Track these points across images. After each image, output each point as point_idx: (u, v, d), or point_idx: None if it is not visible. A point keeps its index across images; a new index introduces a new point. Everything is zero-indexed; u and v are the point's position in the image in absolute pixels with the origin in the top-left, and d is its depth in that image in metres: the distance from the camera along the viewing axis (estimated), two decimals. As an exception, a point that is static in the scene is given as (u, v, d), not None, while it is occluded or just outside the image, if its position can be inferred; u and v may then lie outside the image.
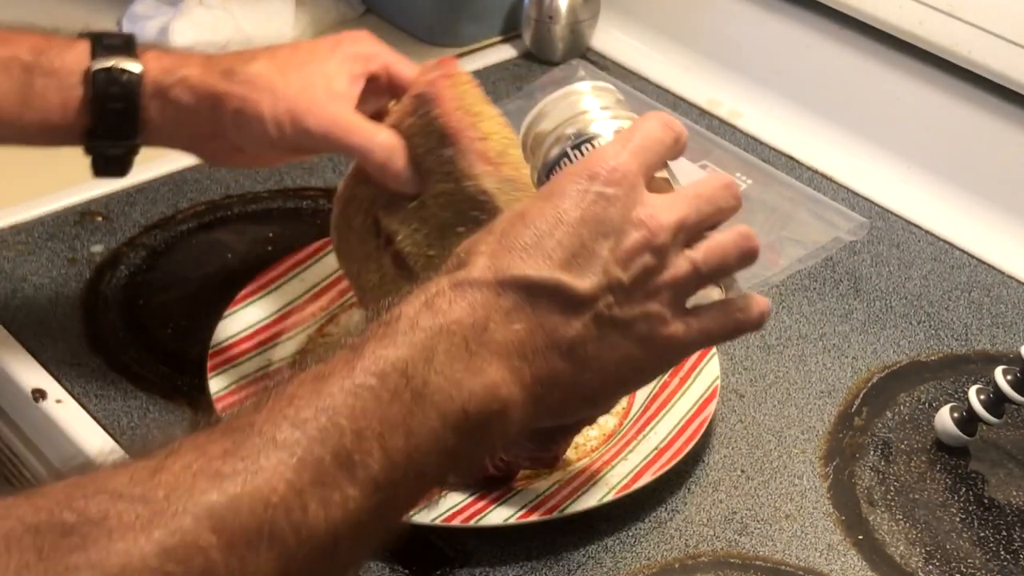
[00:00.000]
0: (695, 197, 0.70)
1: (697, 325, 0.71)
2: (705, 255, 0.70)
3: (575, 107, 0.76)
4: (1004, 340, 1.05)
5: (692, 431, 0.91)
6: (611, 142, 0.71)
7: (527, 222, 0.67)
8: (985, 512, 0.90)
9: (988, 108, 1.17)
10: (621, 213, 0.68)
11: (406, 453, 0.61)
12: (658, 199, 0.69)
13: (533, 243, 0.67)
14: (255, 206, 1.15)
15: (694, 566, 0.86)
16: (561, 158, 0.74)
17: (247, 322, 0.99)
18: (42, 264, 1.08)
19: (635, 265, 0.68)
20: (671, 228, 0.69)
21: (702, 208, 0.70)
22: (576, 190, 0.68)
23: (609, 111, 0.76)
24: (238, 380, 0.94)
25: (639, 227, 0.68)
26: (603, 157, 0.69)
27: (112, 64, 0.88)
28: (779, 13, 1.30)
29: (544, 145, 0.76)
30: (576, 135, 0.74)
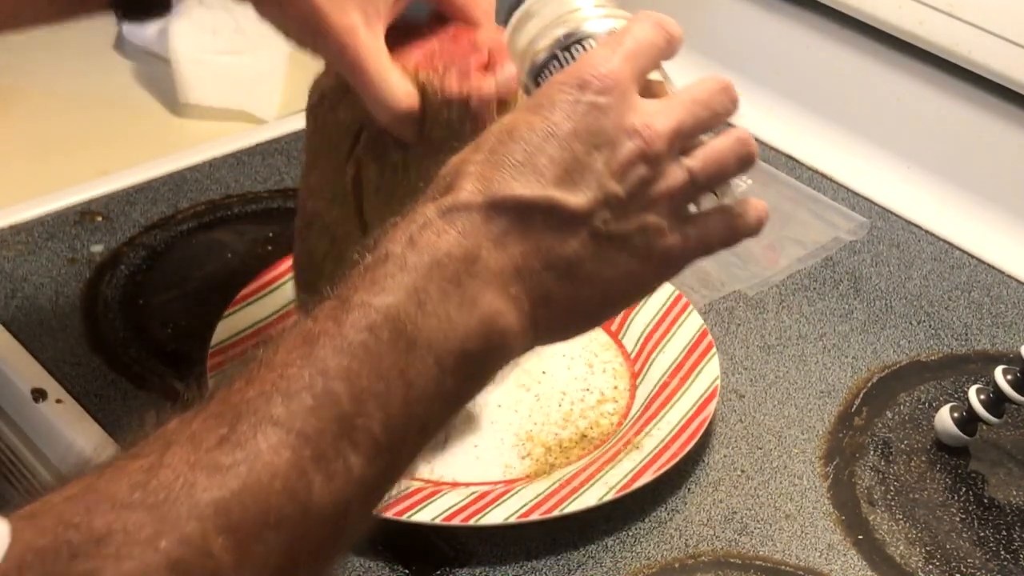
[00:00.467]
0: (691, 102, 0.68)
1: (695, 233, 0.69)
2: (703, 163, 0.68)
3: (565, 4, 0.71)
4: (1004, 340, 1.05)
5: (692, 431, 0.91)
6: (600, 46, 0.68)
7: (516, 137, 0.64)
8: (985, 512, 0.90)
9: (988, 108, 1.17)
10: (615, 123, 0.65)
11: (405, 407, 0.59)
12: (652, 105, 0.67)
13: (523, 160, 0.64)
14: (255, 206, 1.15)
15: (694, 566, 0.86)
16: (550, 61, 0.70)
17: (247, 322, 0.99)
18: (42, 264, 1.08)
19: (631, 177, 0.65)
20: (667, 136, 0.66)
21: (698, 113, 0.68)
22: (566, 100, 0.65)
23: (603, 9, 0.72)
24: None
25: (633, 136, 0.65)
26: (593, 63, 0.66)
27: None
28: (779, 13, 1.30)
29: (533, 47, 0.71)
30: (567, 36, 0.70)
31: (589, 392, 0.97)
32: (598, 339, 1.01)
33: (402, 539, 0.86)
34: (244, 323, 0.99)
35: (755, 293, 1.08)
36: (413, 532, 0.85)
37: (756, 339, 1.04)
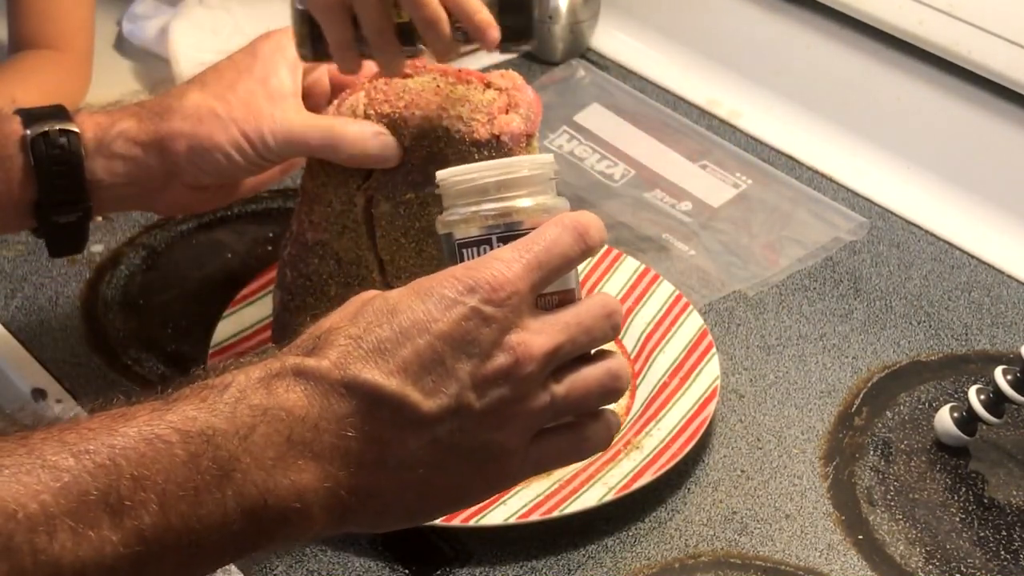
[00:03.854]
0: (575, 326, 0.65)
1: (536, 455, 0.66)
2: (568, 391, 0.65)
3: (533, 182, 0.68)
4: (1004, 340, 1.05)
5: (692, 431, 0.91)
6: (508, 249, 0.65)
7: (393, 320, 0.62)
8: (985, 512, 0.90)
9: (988, 108, 1.17)
10: (493, 336, 0.63)
11: (186, 519, 0.57)
12: (535, 323, 0.64)
13: (391, 347, 0.62)
14: (255, 206, 1.15)
15: (694, 566, 0.86)
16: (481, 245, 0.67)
17: (247, 322, 0.99)
18: (42, 264, 1.08)
19: (492, 393, 0.63)
20: (541, 359, 0.64)
21: (578, 339, 0.65)
22: (452, 299, 0.62)
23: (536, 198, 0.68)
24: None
25: (508, 352, 0.63)
26: (493, 268, 0.63)
27: (47, 128, 0.85)
28: (779, 13, 1.30)
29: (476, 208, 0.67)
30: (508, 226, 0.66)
31: (589, 392, 0.97)
32: (598, 339, 1.01)
33: (402, 539, 0.86)
34: (244, 323, 0.99)
35: (755, 293, 1.08)
36: (413, 532, 0.85)
37: (756, 339, 1.04)
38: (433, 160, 0.85)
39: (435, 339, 0.62)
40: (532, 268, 0.64)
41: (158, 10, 1.34)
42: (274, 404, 0.60)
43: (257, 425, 0.59)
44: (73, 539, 0.55)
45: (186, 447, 0.58)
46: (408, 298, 0.63)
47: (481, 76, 0.87)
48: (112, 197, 0.89)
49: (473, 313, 0.62)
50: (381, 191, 0.86)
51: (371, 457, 0.62)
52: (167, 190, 0.89)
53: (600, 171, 1.21)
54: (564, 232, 0.65)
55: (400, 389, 0.61)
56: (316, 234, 0.88)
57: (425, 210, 0.86)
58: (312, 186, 0.89)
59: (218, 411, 0.59)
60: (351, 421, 0.61)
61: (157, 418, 0.58)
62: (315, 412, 0.61)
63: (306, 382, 0.61)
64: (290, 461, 0.60)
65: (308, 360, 0.61)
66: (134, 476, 0.56)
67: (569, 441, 0.67)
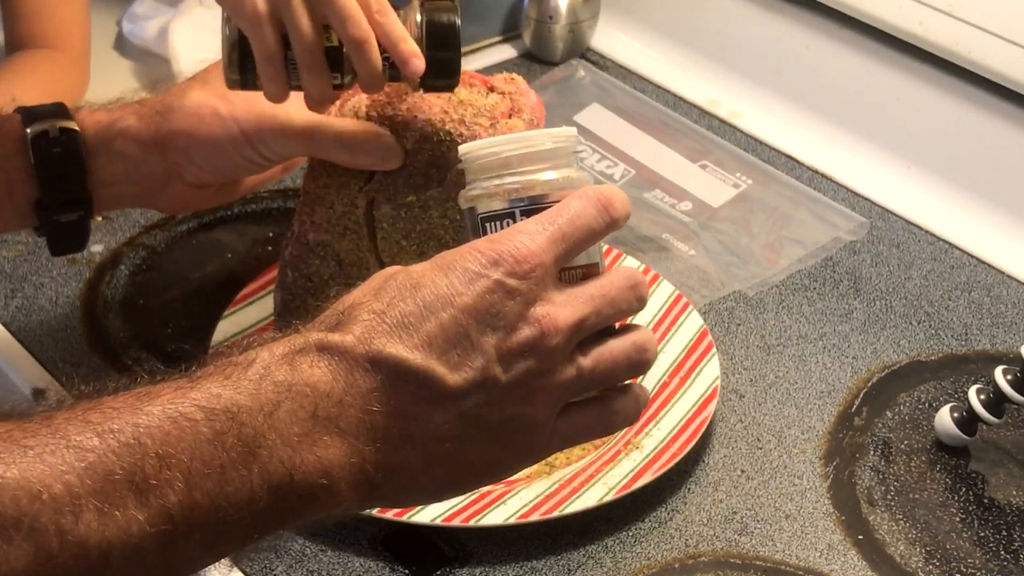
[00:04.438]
0: (600, 297, 0.65)
1: (565, 429, 0.66)
2: (594, 363, 0.65)
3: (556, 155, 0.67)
4: (1004, 340, 1.05)
5: (692, 431, 0.91)
6: (532, 221, 0.64)
7: (417, 295, 0.62)
8: (985, 512, 0.90)
9: (988, 108, 1.17)
10: (518, 309, 0.62)
11: (212, 497, 0.57)
12: (560, 296, 0.64)
13: (415, 321, 0.61)
14: (255, 206, 1.15)
15: (694, 566, 0.86)
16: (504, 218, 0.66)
17: (247, 322, 0.99)
18: (42, 264, 1.08)
19: (518, 365, 0.63)
20: (566, 330, 0.63)
21: (603, 310, 0.65)
22: (475, 272, 0.62)
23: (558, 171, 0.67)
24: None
25: (533, 325, 0.63)
26: (517, 241, 0.63)
27: (47, 126, 0.85)
28: (779, 13, 1.30)
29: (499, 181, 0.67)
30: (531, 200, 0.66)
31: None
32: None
33: (402, 539, 0.86)
34: (244, 323, 0.99)
35: (755, 293, 1.08)
36: (413, 532, 0.85)
37: (756, 339, 1.04)
38: (435, 163, 0.85)
39: (459, 312, 0.62)
40: (556, 240, 0.64)
41: (158, 10, 1.34)
42: (298, 380, 0.60)
43: (282, 401, 0.59)
44: (99, 519, 0.55)
45: (211, 425, 0.58)
46: (432, 272, 0.63)
47: (484, 79, 0.87)
48: (113, 195, 0.89)
49: (497, 286, 0.62)
50: (382, 193, 0.86)
51: (397, 432, 0.61)
52: (168, 188, 0.89)
53: (600, 171, 1.21)
54: (588, 204, 0.65)
55: (425, 363, 0.61)
56: (317, 235, 0.89)
57: (426, 213, 0.86)
58: (314, 187, 0.89)
59: (242, 388, 0.59)
60: (376, 396, 0.61)
61: (181, 396, 0.58)
62: (340, 387, 0.60)
63: (330, 357, 0.61)
64: (316, 437, 0.59)
65: (332, 335, 0.61)
66: (159, 455, 0.56)
67: (597, 414, 0.67)
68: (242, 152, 0.87)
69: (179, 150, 0.87)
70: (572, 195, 0.66)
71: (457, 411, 0.62)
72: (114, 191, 0.88)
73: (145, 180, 0.88)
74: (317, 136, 0.86)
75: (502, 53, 1.39)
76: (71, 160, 0.86)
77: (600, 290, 0.65)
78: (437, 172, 0.85)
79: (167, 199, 0.91)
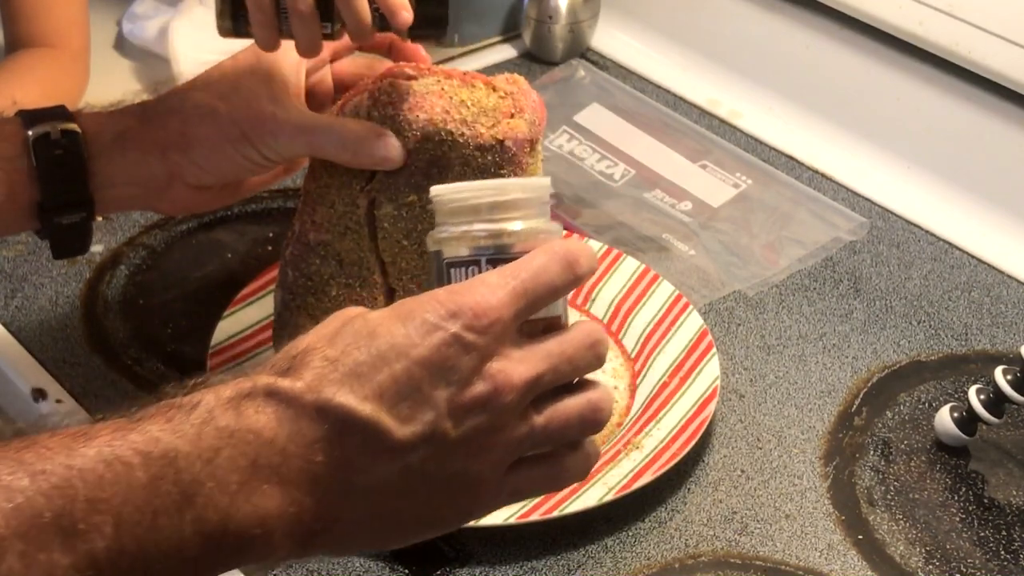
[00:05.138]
0: (558, 355, 0.64)
1: (513, 484, 0.65)
2: (547, 421, 0.64)
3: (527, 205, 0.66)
4: (1004, 340, 1.05)
5: (692, 431, 0.91)
6: (494, 274, 0.63)
7: (372, 344, 0.61)
8: (985, 512, 0.90)
9: (988, 108, 1.17)
10: (473, 363, 0.61)
11: (142, 543, 0.56)
12: (517, 352, 0.63)
13: (368, 371, 0.60)
14: (255, 206, 1.15)
15: (694, 566, 0.86)
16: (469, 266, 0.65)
17: (247, 322, 0.99)
18: (42, 264, 1.08)
19: (469, 421, 0.61)
20: (521, 387, 0.62)
21: (560, 368, 0.64)
22: (433, 323, 0.61)
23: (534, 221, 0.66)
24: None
25: (487, 380, 0.61)
26: (477, 293, 0.62)
27: (48, 128, 0.85)
28: (779, 13, 1.30)
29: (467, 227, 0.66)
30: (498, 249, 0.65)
31: (589, 392, 0.97)
32: (598, 339, 1.01)
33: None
34: (244, 323, 0.99)
35: (755, 293, 1.08)
36: (413, 532, 0.85)
37: (756, 339, 1.04)
38: (436, 163, 0.85)
39: (413, 364, 0.61)
40: (518, 295, 0.63)
41: (158, 10, 1.34)
42: (242, 426, 0.59)
43: (223, 448, 0.58)
44: (22, 563, 0.54)
45: (147, 470, 0.57)
46: (388, 321, 0.62)
47: (486, 79, 0.87)
48: (114, 197, 0.88)
49: (454, 339, 0.61)
50: (384, 193, 0.86)
51: (339, 483, 0.60)
52: (169, 190, 0.89)
53: (600, 171, 1.21)
54: (553, 260, 0.64)
55: (374, 414, 0.60)
56: (318, 235, 0.89)
57: (427, 213, 0.86)
58: (315, 187, 0.89)
59: (183, 432, 0.58)
60: (321, 446, 0.60)
61: (119, 438, 0.57)
62: (284, 435, 0.59)
63: (277, 404, 0.60)
64: (255, 486, 0.58)
65: (282, 381, 0.60)
66: (89, 498, 0.55)
67: (546, 472, 0.66)
68: (243, 152, 0.86)
69: (180, 151, 0.87)
70: (538, 249, 0.64)
71: (403, 464, 0.61)
72: (116, 193, 0.88)
73: (146, 182, 0.88)
74: (318, 136, 0.86)
75: (502, 53, 1.39)
76: (72, 162, 0.86)
77: (559, 347, 0.64)
78: (438, 172, 0.85)
79: (169, 201, 0.91)
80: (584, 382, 0.66)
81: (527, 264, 0.64)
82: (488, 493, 0.64)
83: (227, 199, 0.96)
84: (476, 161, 0.84)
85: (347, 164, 0.86)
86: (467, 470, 0.63)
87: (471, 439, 0.62)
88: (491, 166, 0.84)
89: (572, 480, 0.67)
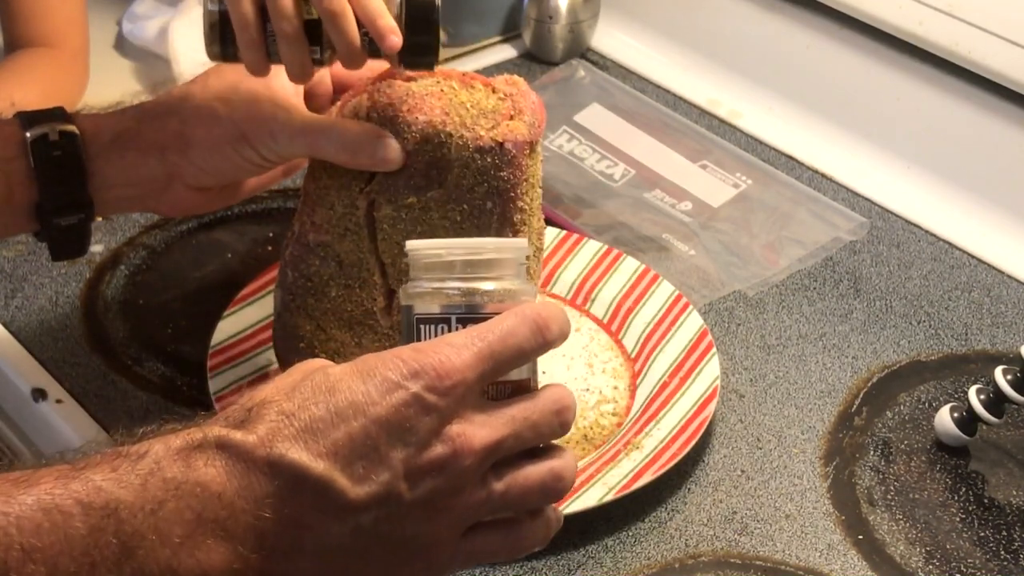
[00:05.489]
0: (521, 420, 0.63)
1: (468, 549, 0.64)
2: (507, 487, 0.63)
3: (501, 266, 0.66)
4: (1004, 340, 1.05)
5: (692, 431, 0.91)
6: (462, 334, 0.62)
7: (330, 399, 0.60)
8: (985, 512, 0.90)
9: (988, 108, 1.17)
10: (432, 425, 0.60)
11: None
12: (479, 415, 0.62)
13: (324, 427, 0.59)
14: (255, 206, 1.15)
15: (694, 566, 0.86)
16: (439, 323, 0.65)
17: (247, 322, 0.99)
18: (42, 264, 1.08)
19: (425, 484, 0.60)
20: (480, 452, 0.61)
21: (523, 434, 0.63)
22: (394, 382, 0.60)
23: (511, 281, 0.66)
24: (238, 380, 0.94)
25: (446, 443, 0.60)
26: (442, 354, 0.61)
27: (47, 130, 0.85)
28: (779, 13, 1.30)
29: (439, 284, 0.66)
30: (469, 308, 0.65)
31: (589, 392, 0.97)
32: (598, 339, 1.01)
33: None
34: (244, 323, 0.99)
35: (755, 293, 1.08)
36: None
37: (756, 339, 1.04)
38: (435, 165, 0.85)
39: (371, 423, 0.59)
40: (484, 358, 0.62)
41: (158, 10, 1.34)
42: (189, 479, 0.58)
43: (168, 500, 0.57)
44: None
45: (87, 520, 0.56)
46: (349, 377, 0.61)
47: (485, 80, 0.87)
48: (113, 198, 0.88)
49: (414, 399, 0.60)
50: (383, 194, 0.86)
51: (288, 541, 0.59)
52: (168, 191, 0.89)
53: (600, 171, 1.21)
54: (522, 324, 0.63)
55: (327, 472, 0.59)
56: (318, 236, 0.89)
57: (427, 214, 0.86)
58: (314, 188, 0.89)
59: (128, 483, 0.57)
60: (270, 502, 0.58)
61: (60, 486, 0.56)
62: (232, 489, 0.58)
63: (227, 457, 0.59)
64: (199, 540, 0.57)
65: (234, 433, 0.59)
66: (24, 547, 0.54)
67: (503, 538, 0.65)
68: (242, 153, 0.86)
69: (179, 152, 0.87)
70: (509, 311, 0.64)
71: (355, 524, 0.60)
72: (114, 194, 0.88)
73: (145, 183, 0.88)
74: (317, 137, 0.86)
75: (502, 53, 1.39)
76: (71, 163, 0.86)
77: (523, 412, 0.63)
78: (438, 174, 0.85)
79: (168, 202, 0.91)
80: (549, 448, 0.65)
81: (496, 326, 0.63)
82: (443, 556, 0.63)
83: (226, 201, 0.96)
84: (475, 163, 0.83)
85: (346, 165, 0.86)
86: (421, 533, 0.62)
87: (427, 501, 0.61)
88: (490, 168, 0.84)
89: (530, 547, 0.66)
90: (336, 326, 0.89)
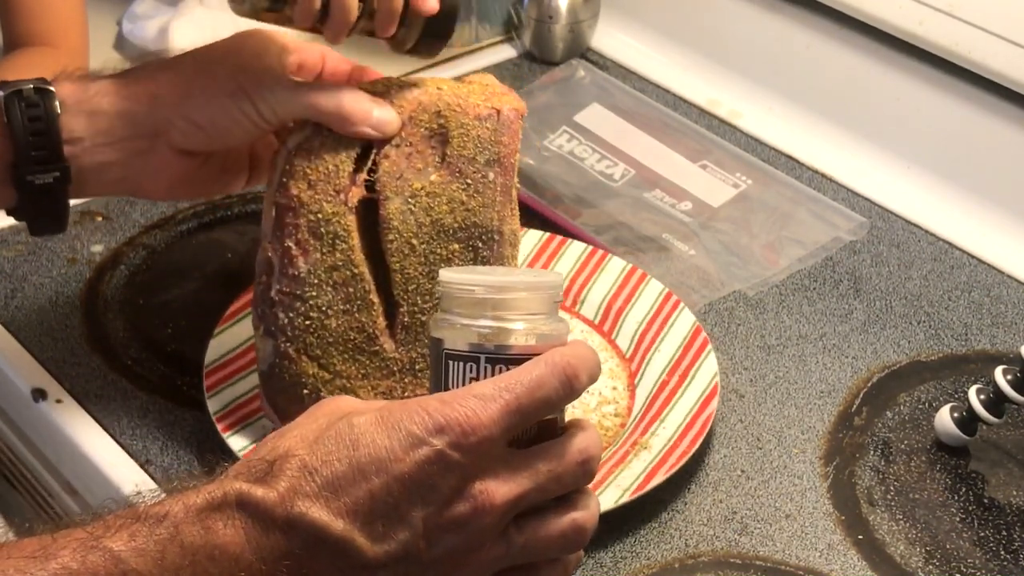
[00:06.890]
0: (546, 473, 0.62)
1: None
2: (527, 540, 0.63)
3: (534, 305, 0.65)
4: (1004, 340, 1.05)
5: (699, 428, 0.91)
6: (489, 384, 0.61)
7: (353, 455, 0.59)
8: (985, 512, 0.90)
9: (988, 108, 1.17)
10: (455, 483, 0.60)
11: None
12: (503, 469, 0.61)
13: (346, 484, 0.59)
14: (255, 206, 1.15)
15: (694, 566, 0.86)
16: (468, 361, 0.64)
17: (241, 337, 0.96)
18: (42, 264, 1.08)
19: (444, 541, 0.60)
20: (503, 507, 0.61)
21: (547, 487, 0.62)
22: (418, 437, 0.59)
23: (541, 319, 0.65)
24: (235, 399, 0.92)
25: (467, 501, 0.60)
26: (468, 407, 0.60)
27: (22, 87, 0.83)
28: (779, 13, 1.30)
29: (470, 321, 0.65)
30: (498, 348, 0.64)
31: (589, 394, 0.97)
32: (591, 341, 1.01)
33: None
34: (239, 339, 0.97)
35: (755, 293, 1.08)
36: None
37: (756, 339, 1.04)
38: (435, 135, 0.85)
39: (393, 480, 0.59)
40: (511, 412, 0.61)
41: (158, 10, 1.34)
42: (208, 542, 0.58)
43: (184, 567, 0.57)
44: None
45: None
46: (374, 429, 0.60)
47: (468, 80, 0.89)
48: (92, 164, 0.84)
49: (438, 457, 0.59)
50: (389, 186, 0.85)
51: None
52: (151, 154, 0.85)
53: (600, 171, 1.21)
54: (551, 375, 0.62)
55: (346, 532, 0.59)
56: (307, 257, 0.84)
57: (435, 201, 0.85)
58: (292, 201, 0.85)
59: (146, 552, 0.57)
60: (289, 562, 0.58)
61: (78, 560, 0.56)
62: (251, 550, 0.58)
63: (247, 516, 0.59)
64: None
65: (255, 490, 0.59)
66: None
67: None
68: (240, 106, 0.83)
69: (171, 105, 0.84)
70: (539, 360, 0.63)
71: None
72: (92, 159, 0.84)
73: (128, 142, 0.84)
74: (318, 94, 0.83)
75: (502, 53, 1.39)
76: (44, 117, 0.82)
77: (547, 465, 0.62)
78: (434, 151, 0.85)
79: (149, 171, 0.86)
80: (572, 496, 0.64)
81: (524, 376, 0.62)
82: None
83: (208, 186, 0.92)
84: (475, 131, 0.85)
85: (342, 128, 0.83)
86: None
87: (445, 559, 0.61)
88: (490, 134, 0.85)
89: None
90: (340, 361, 0.85)
